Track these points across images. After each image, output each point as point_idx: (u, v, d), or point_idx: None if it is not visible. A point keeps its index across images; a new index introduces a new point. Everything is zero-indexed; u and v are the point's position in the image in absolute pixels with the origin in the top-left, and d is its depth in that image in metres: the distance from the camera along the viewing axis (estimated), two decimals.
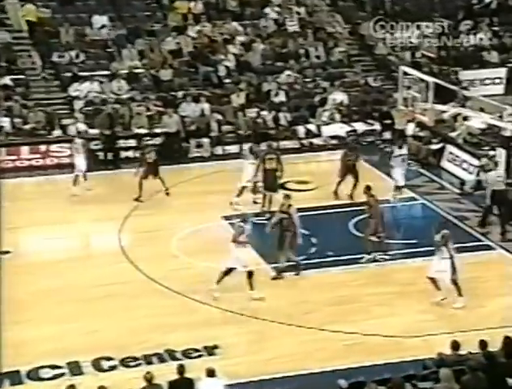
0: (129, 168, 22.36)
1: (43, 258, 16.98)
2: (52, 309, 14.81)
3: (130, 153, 23.08)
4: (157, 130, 23.30)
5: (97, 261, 16.89)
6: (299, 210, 17.33)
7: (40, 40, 25.93)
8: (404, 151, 19.76)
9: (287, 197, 16.22)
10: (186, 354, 13.30)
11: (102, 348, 13.44)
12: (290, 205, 15.90)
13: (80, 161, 20.31)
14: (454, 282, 14.77)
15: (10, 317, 14.39)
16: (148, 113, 23.88)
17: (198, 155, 23.09)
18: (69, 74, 24.97)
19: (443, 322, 14.28)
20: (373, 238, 16.56)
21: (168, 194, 19.94)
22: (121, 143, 23.09)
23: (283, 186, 19.72)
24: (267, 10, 28.36)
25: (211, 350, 13.42)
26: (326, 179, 21.00)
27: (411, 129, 23.65)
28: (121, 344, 13.58)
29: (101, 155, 22.93)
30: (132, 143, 23.12)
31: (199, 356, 13.25)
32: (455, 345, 11.52)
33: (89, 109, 24.00)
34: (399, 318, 14.39)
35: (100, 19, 26.75)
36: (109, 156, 22.93)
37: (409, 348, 13.37)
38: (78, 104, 24.16)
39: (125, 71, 25.30)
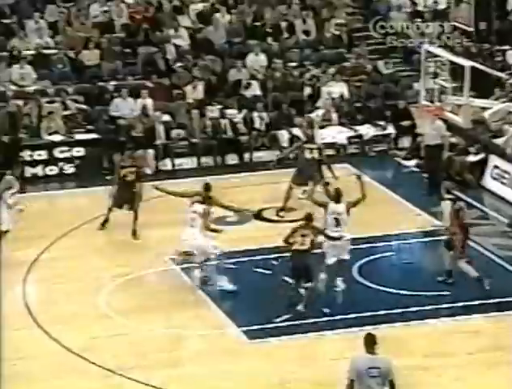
0: (36, 191, 22.21)
1: None
2: None
3: (38, 169, 23.09)
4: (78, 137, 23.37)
5: None
6: (277, 249, 17.38)
7: None
8: None
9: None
10: None
11: None
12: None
13: None
14: None
15: None
16: (66, 113, 23.89)
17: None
18: None
19: None
20: None
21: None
22: (27, 155, 23.08)
23: (258, 216, 20.46)
24: None
25: None
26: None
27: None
28: None
29: None
30: (42, 155, 23.13)
31: None
32: None
33: None
34: None
35: None
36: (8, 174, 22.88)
37: None
38: None
39: (31, 52, 25.32)
